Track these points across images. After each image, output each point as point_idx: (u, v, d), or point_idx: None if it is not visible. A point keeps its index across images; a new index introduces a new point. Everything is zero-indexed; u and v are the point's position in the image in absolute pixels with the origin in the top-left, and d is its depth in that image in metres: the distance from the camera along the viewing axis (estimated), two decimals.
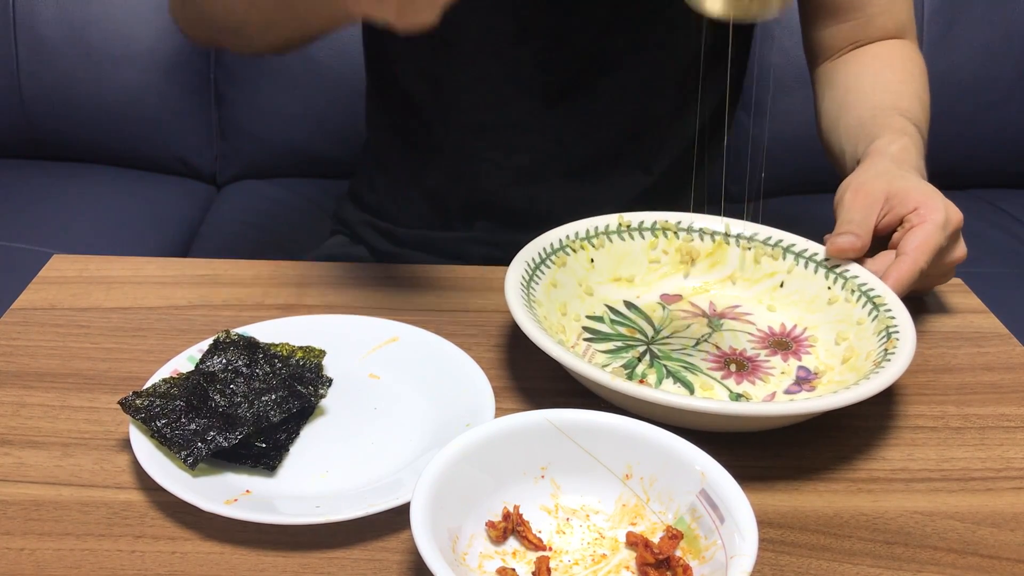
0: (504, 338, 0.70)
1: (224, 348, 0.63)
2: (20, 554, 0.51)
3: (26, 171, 1.70)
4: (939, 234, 0.69)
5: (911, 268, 0.68)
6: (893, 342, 0.63)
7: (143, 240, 1.54)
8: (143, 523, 0.54)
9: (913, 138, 0.80)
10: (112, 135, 1.70)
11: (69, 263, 0.78)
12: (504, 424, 0.54)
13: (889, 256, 0.70)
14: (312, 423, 0.61)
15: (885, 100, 0.86)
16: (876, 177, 0.74)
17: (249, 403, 0.59)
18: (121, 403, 0.58)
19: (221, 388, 0.60)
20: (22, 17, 1.65)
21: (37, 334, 0.69)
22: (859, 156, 0.81)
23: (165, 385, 0.60)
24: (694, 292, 0.76)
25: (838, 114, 0.90)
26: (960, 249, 0.73)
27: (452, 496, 0.50)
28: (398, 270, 0.79)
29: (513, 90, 0.91)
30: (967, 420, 0.65)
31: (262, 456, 0.56)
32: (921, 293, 0.77)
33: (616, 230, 0.75)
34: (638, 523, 0.53)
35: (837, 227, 0.72)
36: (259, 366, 0.62)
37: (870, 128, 0.83)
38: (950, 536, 0.55)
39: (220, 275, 0.77)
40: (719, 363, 0.68)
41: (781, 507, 0.57)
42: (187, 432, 0.56)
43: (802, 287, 0.73)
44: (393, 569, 0.51)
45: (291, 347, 0.64)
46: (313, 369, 0.63)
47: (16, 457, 0.58)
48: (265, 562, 0.51)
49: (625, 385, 0.57)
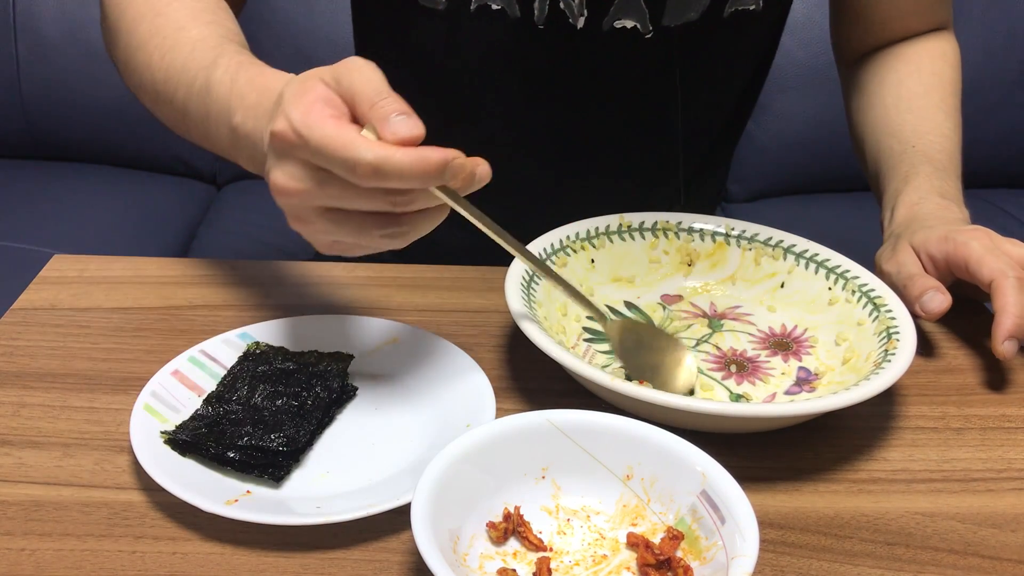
0: (504, 338, 0.70)
1: (255, 359, 0.64)
2: (20, 554, 0.51)
3: (26, 171, 1.70)
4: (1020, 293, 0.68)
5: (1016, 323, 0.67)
6: (893, 343, 0.63)
7: (143, 240, 1.54)
8: (143, 524, 0.53)
9: (932, 176, 0.80)
10: (112, 135, 1.71)
11: (69, 263, 0.78)
12: (505, 424, 0.54)
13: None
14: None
15: (904, 128, 0.85)
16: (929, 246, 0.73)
17: (285, 422, 0.59)
18: (170, 442, 0.57)
19: (261, 402, 0.61)
20: (22, 17, 1.65)
21: (37, 334, 0.69)
22: (893, 204, 0.80)
23: (206, 415, 0.60)
24: (694, 293, 0.76)
25: (863, 132, 0.90)
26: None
27: (453, 497, 0.50)
28: (399, 270, 0.79)
29: (523, 155, 0.88)
30: (968, 421, 0.65)
31: (269, 466, 0.56)
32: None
33: (616, 230, 0.75)
34: (639, 524, 0.53)
35: (918, 290, 0.70)
36: (290, 384, 0.62)
37: (892, 171, 0.83)
38: (951, 537, 0.55)
39: (220, 275, 0.77)
40: (719, 364, 0.68)
41: (782, 508, 0.57)
42: (256, 454, 0.57)
43: (802, 288, 0.73)
44: (393, 570, 0.51)
45: (319, 354, 0.64)
46: (339, 376, 0.63)
47: (16, 457, 0.58)
48: (265, 562, 0.51)
49: (625, 386, 0.57)
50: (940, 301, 0.68)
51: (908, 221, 0.76)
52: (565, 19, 0.79)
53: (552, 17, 0.79)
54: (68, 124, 1.70)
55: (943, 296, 0.69)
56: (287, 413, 0.59)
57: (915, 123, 0.85)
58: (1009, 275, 0.67)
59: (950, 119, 0.86)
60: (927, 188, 0.79)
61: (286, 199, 0.55)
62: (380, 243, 0.57)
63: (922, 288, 0.69)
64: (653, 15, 0.79)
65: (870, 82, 0.92)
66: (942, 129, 0.85)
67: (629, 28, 0.79)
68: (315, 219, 0.55)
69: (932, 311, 0.68)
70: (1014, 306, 0.66)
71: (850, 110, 0.95)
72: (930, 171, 0.80)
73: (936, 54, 0.91)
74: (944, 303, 0.68)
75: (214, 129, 0.64)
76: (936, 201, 0.77)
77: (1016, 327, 0.66)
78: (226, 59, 0.65)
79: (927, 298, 0.69)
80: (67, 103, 1.67)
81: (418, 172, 0.51)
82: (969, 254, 0.69)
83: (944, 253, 0.70)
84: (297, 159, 0.53)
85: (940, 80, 0.89)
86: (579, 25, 0.79)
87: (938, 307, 0.68)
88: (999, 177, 1.77)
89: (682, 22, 0.80)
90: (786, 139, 1.71)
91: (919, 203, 0.78)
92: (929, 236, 0.72)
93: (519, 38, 0.80)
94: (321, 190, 0.53)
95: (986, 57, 1.68)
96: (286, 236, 1.54)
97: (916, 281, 0.70)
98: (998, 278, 0.67)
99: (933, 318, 0.69)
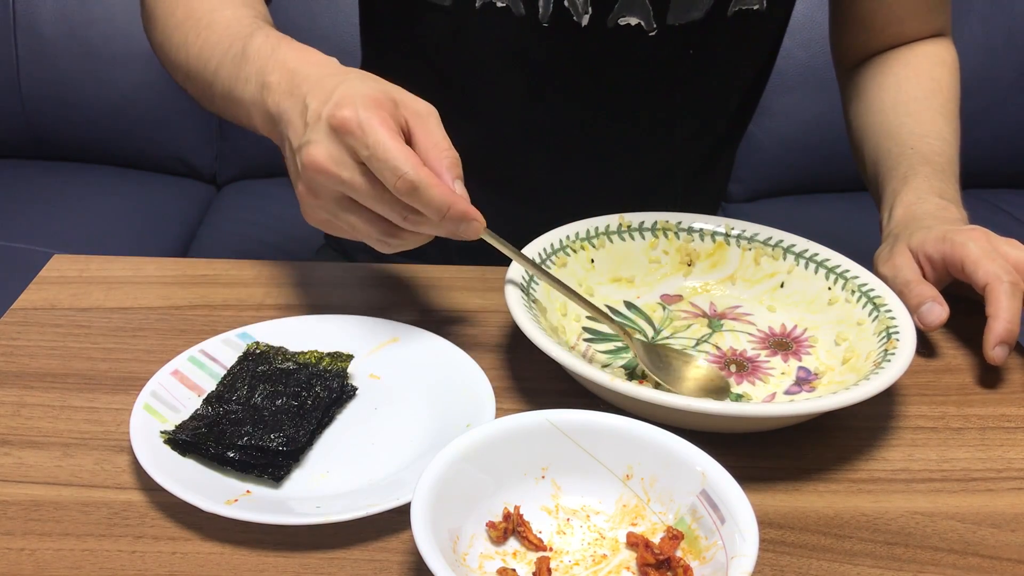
0: (504, 338, 0.70)
1: (254, 359, 0.64)
2: (20, 554, 0.51)
3: (26, 171, 1.70)
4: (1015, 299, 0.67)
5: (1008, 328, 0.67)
6: (893, 343, 0.63)
7: (143, 240, 1.54)
8: (143, 523, 0.54)
9: (931, 178, 0.80)
10: (112, 135, 1.71)
11: (69, 263, 0.78)
12: (504, 424, 0.54)
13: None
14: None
15: (902, 130, 0.85)
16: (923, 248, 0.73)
17: (285, 421, 0.59)
18: (169, 442, 0.57)
19: (261, 402, 0.61)
20: (22, 17, 1.65)
21: (37, 334, 0.69)
22: (891, 204, 0.80)
23: (206, 415, 0.59)
24: (694, 292, 0.76)
25: (862, 136, 0.90)
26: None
27: (453, 496, 0.50)
28: (398, 270, 0.79)
29: (526, 150, 0.89)
30: (967, 420, 0.65)
31: (269, 466, 0.56)
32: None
33: (616, 230, 0.75)
34: (639, 523, 0.53)
35: (915, 299, 0.70)
36: (290, 384, 0.62)
37: (890, 172, 0.83)
38: (951, 537, 0.55)
39: (220, 275, 0.77)
40: (719, 364, 0.68)
41: (782, 507, 0.57)
42: (256, 453, 0.57)
43: (802, 287, 0.73)
44: (393, 569, 0.51)
45: (319, 354, 0.64)
46: (339, 375, 0.63)
47: (16, 457, 0.58)
48: (265, 562, 0.51)
49: (625, 386, 0.57)
50: (938, 314, 0.68)
51: (906, 221, 0.76)
52: (570, 16, 0.79)
53: (557, 14, 0.79)
54: (68, 124, 1.69)
55: (941, 308, 0.69)
56: (287, 413, 0.59)
57: (913, 126, 0.85)
58: (1003, 280, 0.67)
59: (949, 124, 0.86)
60: (925, 188, 0.79)
61: (316, 174, 0.59)
62: (370, 241, 0.62)
63: (919, 298, 0.69)
64: (657, 13, 0.79)
65: (868, 87, 0.92)
66: (941, 133, 0.85)
67: (633, 26, 0.80)
68: (328, 199, 0.61)
69: (930, 323, 0.68)
70: (1006, 311, 0.66)
71: (848, 114, 0.95)
72: (928, 172, 0.80)
73: (935, 60, 0.91)
74: (942, 315, 0.68)
75: (241, 86, 0.68)
76: (935, 201, 0.77)
77: (1007, 332, 0.66)
78: (265, 31, 0.69)
79: (925, 309, 0.69)
80: (67, 103, 1.67)
81: (443, 210, 0.58)
82: (966, 255, 0.69)
83: (941, 253, 0.70)
84: (346, 146, 0.58)
85: (939, 85, 0.89)
86: (583, 22, 0.79)
87: (936, 319, 0.68)
88: (999, 177, 1.77)
89: (686, 20, 0.80)
90: (786, 139, 1.71)
91: (917, 203, 0.78)
92: (927, 237, 0.72)
93: (524, 35, 0.81)
94: (352, 180, 0.59)
95: (986, 57, 1.68)
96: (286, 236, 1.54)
97: (912, 289, 0.70)
98: (992, 282, 0.67)
99: (931, 329, 0.69)
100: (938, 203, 0.77)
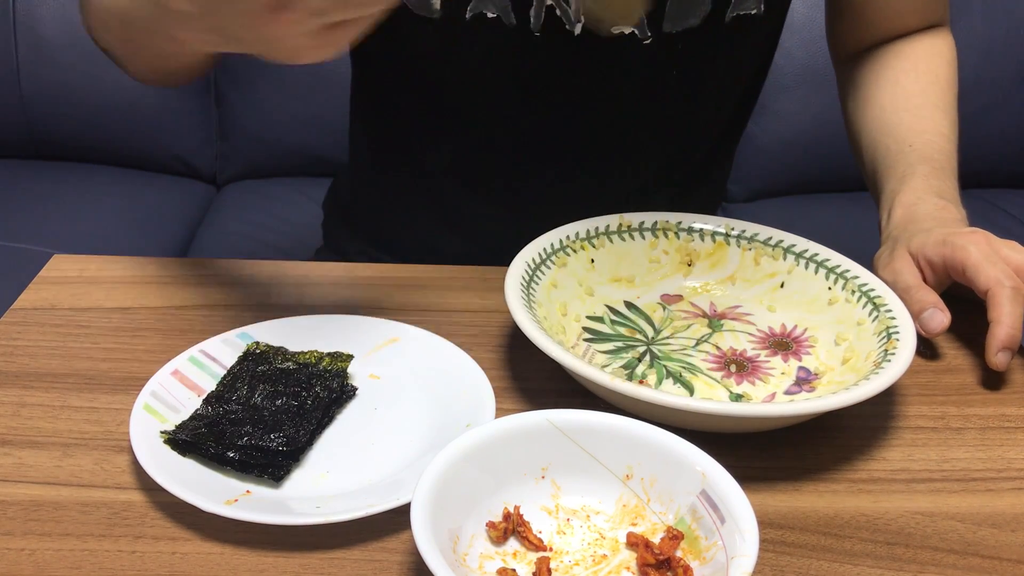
0: (504, 338, 0.70)
1: (254, 359, 0.64)
2: (20, 554, 0.51)
3: (26, 171, 1.70)
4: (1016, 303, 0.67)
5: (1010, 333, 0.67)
6: (893, 343, 0.63)
7: (143, 240, 1.54)
8: (143, 523, 0.54)
9: (930, 177, 0.80)
10: (112, 135, 1.71)
11: (69, 263, 0.78)
12: (504, 424, 0.54)
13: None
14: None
15: (900, 127, 0.85)
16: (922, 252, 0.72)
17: (285, 421, 0.59)
18: (169, 442, 0.57)
19: (261, 402, 0.61)
20: (22, 17, 1.65)
21: (37, 334, 0.69)
22: (890, 205, 0.79)
23: (206, 415, 0.59)
24: (694, 292, 0.76)
25: (859, 132, 0.90)
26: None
27: (452, 497, 0.50)
28: (398, 270, 0.79)
29: (522, 159, 0.88)
30: (968, 420, 0.65)
31: (269, 466, 0.56)
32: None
33: (616, 230, 0.75)
34: (639, 524, 0.53)
35: (916, 305, 0.69)
36: (290, 384, 0.62)
37: (888, 171, 0.82)
38: (951, 537, 0.55)
39: (220, 275, 0.77)
40: (719, 363, 0.68)
41: (781, 507, 0.57)
42: (256, 453, 0.57)
43: (802, 287, 0.73)
44: (393, 570, 0.51)
45: (319, 354, 0.64)
46: (339, 375, 0.63)
47: (16, 457, 0.58)
48: (265, 562, 0.51)
49: (625, 386, 0.57)
50: (940, 320, 0.68)
51: (905, 223, 0.76)
52: (562, 26, 0.78)
53: (549, 24, 0.78)
54: (68, 124, 1.70)
55: (943, 315, 0.68)
56: (287, 413, 0.59)
57: (912, 122, 0.85)
58: (1005, 285, 0.67)
59: (947, 117, 0.86)
60: (924, 188, 0.79)
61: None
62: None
63: (921, 304, 0.69)
64: (652, 21, 0.79)
65: (866, 81, 0.92)
66: (939, 128, 0.84)
67: (627, 34, 0.79)
68: (303, 12, 0.52)
69: (932, 330, 0.68)
70: (1008, 317, 0.66)
71: (846, 109, 0.94)
72: (927, 171, 0.80)
73: (932, 52, 0.91)
74: (944, 322, 0.68)
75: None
76: (933, 202, 0.77)
77: (1009, 338, 0.66)
78: None
79: (927, 316, 0.69)
80: (67, 103, 1.67)
81: None
82: (967, 259, 0.69)
83: (942, 257, 0.70)
84: None
85: (936, 78, 0.89)
86: (576, 32, 0.79)
87: (938, 326, 0.68)
88: (999, 177, 1.77)
89: (682, 28, 0.80)
90: (786, 139, 1.71)
91: (916, 204, 0.77)
92: (927, 240, 0.72)
93: (516, 45, 0.80)
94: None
95: (986, 57, 1.68)
96: (286, 236, 1.54)
97: (913, 295, 0.70)
98: (994, 287, 0.67)
99: (933, 336, 0.69)
100: (937, 203, 0.77)
